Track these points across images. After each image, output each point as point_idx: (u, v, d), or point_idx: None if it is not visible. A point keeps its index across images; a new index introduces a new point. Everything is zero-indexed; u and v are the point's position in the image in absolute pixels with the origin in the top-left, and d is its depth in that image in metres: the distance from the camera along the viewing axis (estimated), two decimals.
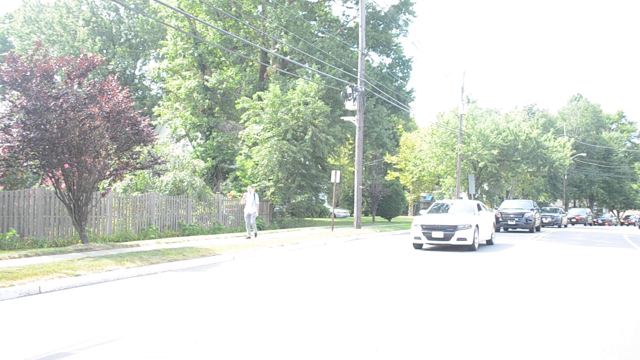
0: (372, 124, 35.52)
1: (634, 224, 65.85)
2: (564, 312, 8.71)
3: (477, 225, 19.12)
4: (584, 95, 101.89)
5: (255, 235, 22.00)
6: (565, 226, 45.01)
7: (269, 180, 30.64)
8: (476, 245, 18.90)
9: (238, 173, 33.74)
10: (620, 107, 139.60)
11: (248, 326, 7.49)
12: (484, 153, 45.00)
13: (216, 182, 37.15)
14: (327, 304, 9.16)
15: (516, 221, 32.89)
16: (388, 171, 57.12)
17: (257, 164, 30.91)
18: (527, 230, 33.04)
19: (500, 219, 33.14)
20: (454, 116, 48.76)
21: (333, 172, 27.08)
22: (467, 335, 7.12)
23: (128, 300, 9.44)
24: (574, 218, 51.10)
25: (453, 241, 18.42)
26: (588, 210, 58.80)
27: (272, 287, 10.88)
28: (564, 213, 47.99)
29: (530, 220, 32.77)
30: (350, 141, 38.31)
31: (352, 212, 38.28)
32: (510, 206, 35.06)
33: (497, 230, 30.70)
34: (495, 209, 40.68)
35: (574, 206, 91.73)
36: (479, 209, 20.89)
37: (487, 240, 21.47)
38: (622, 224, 64.58)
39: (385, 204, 47.44)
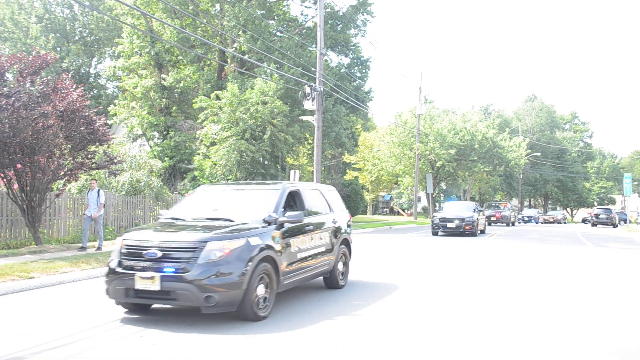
0: (330, 123, 35.56)
1: (559, 221, 67.13)
2: None
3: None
4: (538, 96, 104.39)
5: (99, 248, 16.50)
6: (482, 232, 32.18)
7: (228, 180, 30.41)
8: None
9: (196, 173, 33.38)
10: (573, 108, 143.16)
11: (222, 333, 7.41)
12: (441, 152, 45.59)
13: (174, 182, 36.64)
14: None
15: None
16: (347, 171, 57.45)
17: (215, 164, 30.64)
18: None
19: None
20: (412, 116, 49.34)
21: (292, 171, 27.05)
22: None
23: (85, 303, 9.26)
24: (493, 216, 44.00)
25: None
26: (509, 205, 55.83)
27: None
28: (479, 210, 33.74)
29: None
30: (309, 141, 38.29)
31: None
32: None
33: None
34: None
35: (529, 205, 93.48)
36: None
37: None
38: (546, 221, 65.34)
39: (345, 204, 47.52)
